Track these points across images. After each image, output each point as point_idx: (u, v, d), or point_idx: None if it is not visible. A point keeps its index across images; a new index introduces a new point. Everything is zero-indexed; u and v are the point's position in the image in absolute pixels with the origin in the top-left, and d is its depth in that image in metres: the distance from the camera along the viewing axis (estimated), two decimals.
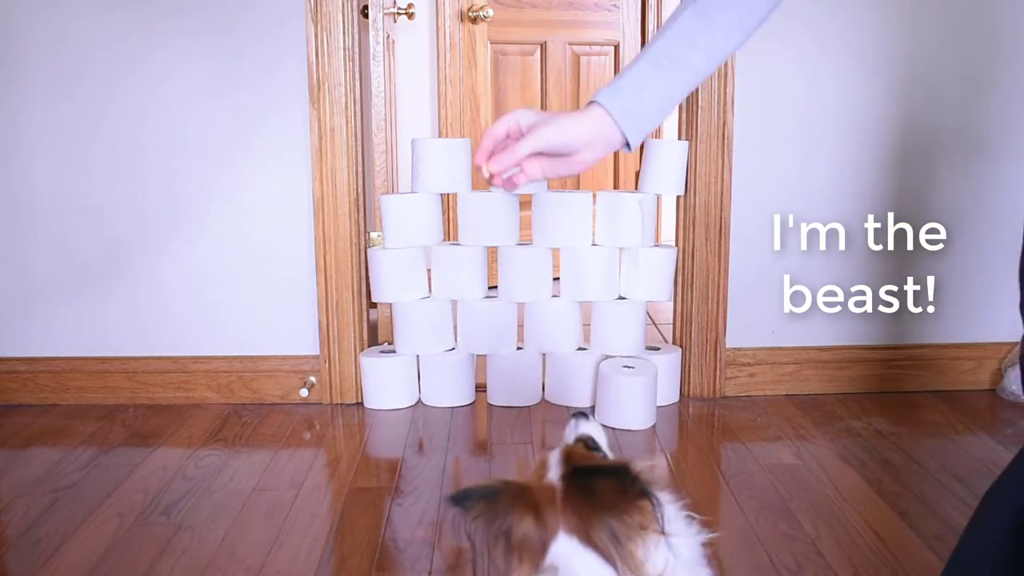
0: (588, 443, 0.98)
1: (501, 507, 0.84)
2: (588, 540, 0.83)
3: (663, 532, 0.83)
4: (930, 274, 2.25)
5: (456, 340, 2.24)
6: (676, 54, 0.92)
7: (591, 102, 0.92)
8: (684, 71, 0.92)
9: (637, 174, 2.40)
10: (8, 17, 2.09)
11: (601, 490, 0.83)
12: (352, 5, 2.11)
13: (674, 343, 2.31)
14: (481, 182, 2.96)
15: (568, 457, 0.91)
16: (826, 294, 2.25)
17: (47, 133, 2.14)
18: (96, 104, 2.12)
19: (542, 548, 0.84)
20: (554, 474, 0.89)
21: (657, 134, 3.65)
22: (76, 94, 2.12)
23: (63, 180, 2.15)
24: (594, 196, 2.22)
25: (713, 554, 1.47)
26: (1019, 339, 0.98)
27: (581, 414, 1.03)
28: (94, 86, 2.12)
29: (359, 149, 2.17)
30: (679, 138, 2.24)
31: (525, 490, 0.86)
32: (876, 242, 2.23)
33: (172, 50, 2.11)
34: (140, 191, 2.16)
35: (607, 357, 2.19)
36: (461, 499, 0.84)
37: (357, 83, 2.14)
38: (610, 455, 1.01)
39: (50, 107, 2.12)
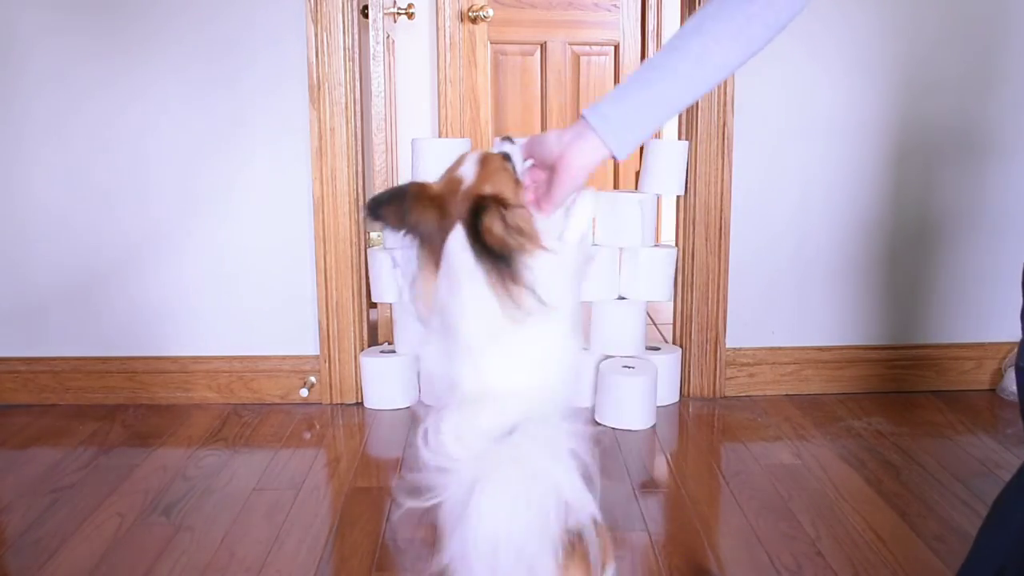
0: (506, 157, 1.03)
1: (408, 205, 0.95)
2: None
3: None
4: (930, 274, 2.26)
5: None
6: (665, 63, 0.92)
7: (581, 117, 0.94)
8: (671, 79, 0.92)
9: (637, 174, 2.40)
10: (16, 29, 2.09)
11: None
12: (352, 5, 2.11)
13: (674, 343, 2.31)
14: None
15: (484, 160, 0.99)
16: (826, 294, 2.25)
17: (49, 136, 2.13)
18: (97, 103, 2.12)
19: (442, 236, 0.94)
20: (467, 170, 0.97)
21: (657, 134, 3.65)
22: (78, 91, 2.12)
23: (64, 181, 2.15)
24: None
25: (712, 550, 1.48)
26: (1019, 341, 0.98)
27: (507, 139, 1.05)
28: (98, 84, 2.12)
29: (359, 149, 2.17)
30: (679, 138, 2.24)
31: (428, 187, 0.97)
32: (876, 241, 2.24)
33: (172, 51, 2.11)
34: (140, 192, 2.16)
35: (607, 357, 2.19)
36: (374, 207, 0.96)
37: (357, 83, 2.14)
38: (520, 171, 1.04)
39: (53, 112, 2.12)
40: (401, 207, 0.96)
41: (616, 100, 0.93)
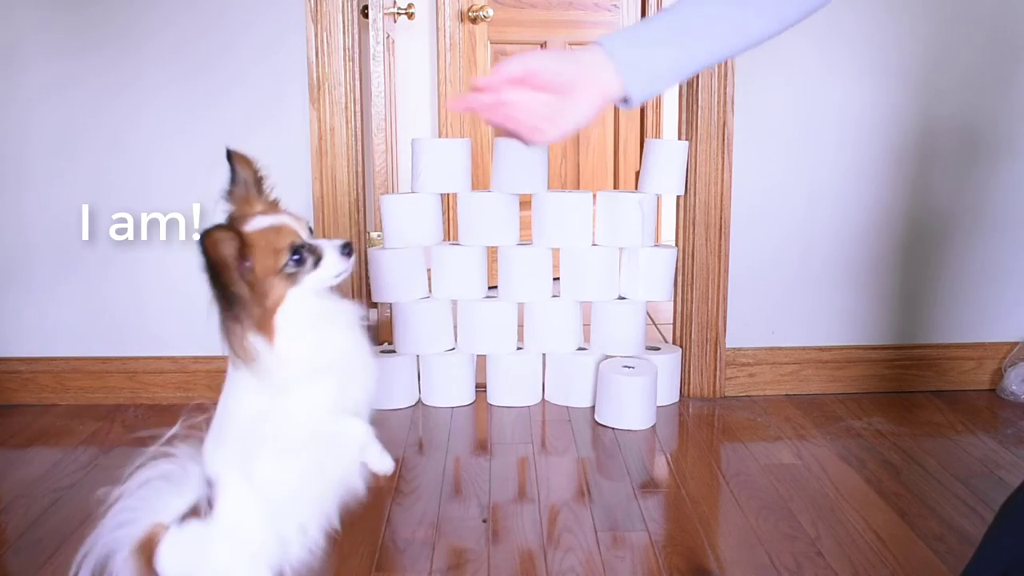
0: (302, 251, 1.07)
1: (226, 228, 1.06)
2: None
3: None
4: (930, 274, 2.26)
5: (456, 340, 2.24)
6: (701, 21, 0.86)
7: (594, 44, 0.86)
8: (705, 42, 0.87)
9: (637, 174, 2.40)
10: (14, 26, 2.09)
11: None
12: (352, 5, 2.11)
13: (674, 343, 2.31)
14: (481, 182, 2.97)
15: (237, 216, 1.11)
16: (826, 294, 2.25)
17: (48, 131, 2.13)
18: (97, 103, 2.12)
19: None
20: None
21: (657, 134, 3.65)
22: (79, 93, 2.12)
23: (63, 177, 2.15)
24: (594, 196, 2.22)
25: (713, 550, 1.47)
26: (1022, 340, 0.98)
27: (347, 249, 1.10)
28: (96, 85, 2.12)
29: (359, 149, 2.17)
30: (679, 138, 2.24)
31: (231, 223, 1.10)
32: (876, 242, 2.23)
33: (172, 50, 2.11)
34: (140, 190, 2.16)
35: (607, 357, 2.19)
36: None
37: (357, 83, 2.14)
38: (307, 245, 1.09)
39: (53, 107, 2.12)
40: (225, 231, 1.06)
41: (647, 50, 0.85)
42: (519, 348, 2.23)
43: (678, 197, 2.25)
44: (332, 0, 2.07)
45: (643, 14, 3.59)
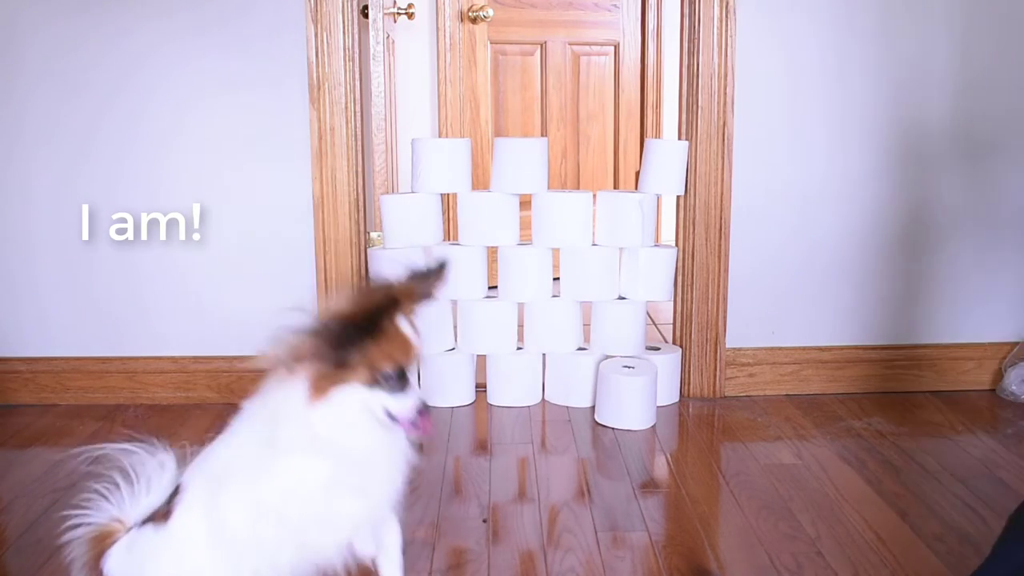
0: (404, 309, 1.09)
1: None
2: None
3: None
4: (930, 274, 2.26)
5: (456, 340, 2.24)
6: None
7: None
8: None
9: (637, 174, 2.40)
10: (12, 25, 2.09)
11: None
12: (352, 5, 2.11)
13: (674, 343, 2.31)
14: (481, 182, 2.97)
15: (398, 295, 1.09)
16: (826, 294, 2.25)
17: (47, 131, 2.13)
18: (97, 103, 2.12)
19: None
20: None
21: (657, 134, 3.65)
22: (78, 93, 2.12)
23: (62, 177, 2.15)
24: (594, 196, 2.22)
25: (713, 550, 1.47)
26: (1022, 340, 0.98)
27: (424, 413, 1.11)
28: (96, 85, 2.12)
29: (359, 149, 2.17)
30: (679, 138, 2.24)
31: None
32: (876, 241, 2.23)
33: (173, 50, 2.11)
34: (140, 190, 2.16)
35: (607, 357, 2.19)
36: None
37: (357, 83, 2.14)
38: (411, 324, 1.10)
39: (52, 107, 2.12)
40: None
41: None
42: (519, 348, 2.23)
43: (678, 197, 2.25)
44: (332, 0, 2.07)
45: (642, 14, 3.59)
